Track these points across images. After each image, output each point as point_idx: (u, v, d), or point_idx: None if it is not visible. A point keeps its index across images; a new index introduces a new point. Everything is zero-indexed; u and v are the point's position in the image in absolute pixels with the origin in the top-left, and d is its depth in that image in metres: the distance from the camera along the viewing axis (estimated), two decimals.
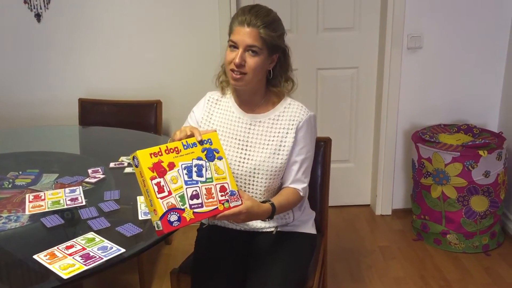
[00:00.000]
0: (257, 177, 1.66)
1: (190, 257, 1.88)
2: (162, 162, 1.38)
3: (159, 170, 1.37)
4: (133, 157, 1.36)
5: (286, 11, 2.92)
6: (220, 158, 1.48)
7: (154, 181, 1.34)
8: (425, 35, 2.87)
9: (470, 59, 2.93)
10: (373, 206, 3.27)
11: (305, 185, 1.71)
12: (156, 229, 1.33)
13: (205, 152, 1.45)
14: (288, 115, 1.68)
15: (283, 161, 1.66)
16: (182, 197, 1.37)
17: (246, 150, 1.68)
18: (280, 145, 1.66)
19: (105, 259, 1.33)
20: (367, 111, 3.14)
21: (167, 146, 1.40)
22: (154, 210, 1.33)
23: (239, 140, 1.70)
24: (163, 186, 1.35)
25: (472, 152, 2.59)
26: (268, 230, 1.76)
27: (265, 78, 1.66)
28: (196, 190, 1.40)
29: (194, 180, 1.41)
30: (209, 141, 1.47)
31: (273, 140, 1.67)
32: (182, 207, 1.36)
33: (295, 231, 1.78)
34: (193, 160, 1.43)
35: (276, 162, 1.66)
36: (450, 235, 2.74)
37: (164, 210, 1.32)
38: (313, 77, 3.05)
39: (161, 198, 1.34)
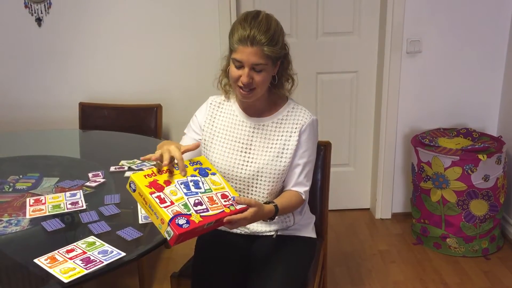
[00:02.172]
0: (260, 180, 1.67)
1: (190, 261, 1.89)
2: (158, 180, 1.40)
3: (157, 186, 1.39)
4: (130, 183, 1.38)
5: (286, 16, 2.93)
6: (213, 174, 1.50)
7: (154, 195, 1.36)
8: (424, 39, 2.88)
9: (469, 63, 2.94)
10: (373, 210, 3.27)
11: (307, 188, 1.71)
12: (168, 238, 1.31)
13: (197, 171, 1.48)
14: (292, 119, 1.68)
15: (286, 164, 1.66)
16: (185, 205, 1.37)
17: (249, 153, 1.69)
18: (283, 148, 1.67)
19: (105, 263, 1.33)
20: (367, 115, 3.14)
21: (159, 169, 1.43)
22: (161, 219, 1.32)
23: (242, 143, 1.70)
24: (163, 198, 1.36)
25: (471, 156, 2.59)
26: (268, 234, 1.76)
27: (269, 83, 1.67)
28: (198, 199, 1.41)
29: (193, 192, 1.42)
30: (199, 162, 1.51)
31: (276, 143, 1.68)
32: (188, 213, 1.35)
33: (295, 235, 1.79)
34: (188, 177, 1.45)
35: (279, 165, 1.66)
36: (449, 239, 2.74)
37: (171, 216, 1.32)
38: (313, 81, 3.06)
39: (165, 207, 1.34)
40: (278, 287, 1.60)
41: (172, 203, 1.36)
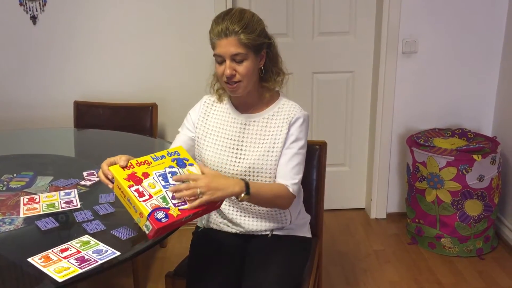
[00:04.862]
0: (253, 176, 1.67)
1: (185, 261, 1.88)
2: (136, 173, 1.41)
3: (135, 179, 1.40)
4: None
5: (282, 16, 2.93)
6: (191, 165, 1.51)
7: (133, 188, 1.37)
8: (420, 40, 2.89)
9: (465, 63, 2.95)
10: (368, 210, 3.28)
11: (295, 181, 1.65)
12: (147, 232, 1.33)
13: (175, 162, 1.49)
14: (282, 114, 1.68)
15: (277, 158, 1.66)
16: (164, 198, 1.39)
17: (241, 149, 1.69)
18: (274, 143, 1.66)
19: (100, 262, 1.33)
20: (362, 115, 3.15)
21: (137, 160, 1.45)
22: (140, 213, 1.34)
23: (234, 140, 1.70)
24: (142, 191, 1.37)
25: (466, 156, 2.60)
26: (264, 233, 1.76)
27: (257, 76, 1.67)
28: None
29: (171, 184, 1.43)
30: (176, 152, 1.52)
31: (267, 139, 1.67)
32: (167, 206, 1.37)
33: (291, 234, 1.79)
34: (166, 169, 1.47)
35: (270, 159, 1.66)
36: (444, 239, 2.75)
37: (150, 210, 1.34)
38: (309, 81, 3.06)
39: (143, 201, 1.36)
40: (273, 286, 1.59)
41: (150, 196, 1.37)
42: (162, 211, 1.34)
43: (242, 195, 1.49)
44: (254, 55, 1.59)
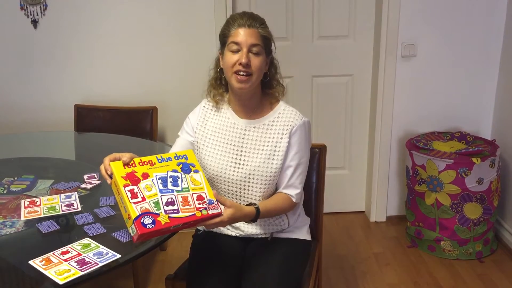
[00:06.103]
0: (253, 182, 1.67)
1: (185, 263, 1.89)
2: (136, 172, 1.39)
3: (133, 179, 1.38)
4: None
5: (282, 19, 2.94)
6: (196, 171, 1.47)
7: (127, 188, 1.35)
8: (419, 43, 2.90)
9: (464, 67, 2.96)
10: (368, 213, 3.28)
11: (299, 190, 1.71)
12: (132, 234, 1.32)
13: (180, 166, 1.46)
14: (283, 120, 1.69)
15: (277, 166, 1.67)
16: (156, 203, 1.36)
17: (241, 155, 1.69)
18: (274, 150, 1.67)
19: (100, 264, 1.33)
20: (362, 118, 3.16)
21: (140, 159, 1.42)
22: (128, 215, 1.33)
23: (234, 145, 1.71)
24: (136, 192, 1.35)
25: (465, 159, 2.61)
26: (263, 236, 1.76)
27: (261, 80, 1.69)
28: (171, 198, 1.39)
29: (169, 189, 1.40)
30: (185, 156, 1.49)
31: (267, 146, 1.68)
32: (157, 212, 1.34)
33: (290, 237, 1.79)
34: (168, 172, 1.43)
35: (270, 167, 1.67)
36: (444, 242, 2.75)
37: (138, 213, 1.32)
38: (308, 85, 3.07)
39: (135, 203, 1.33)
40: None
41: (143, 199, 1.35)
42: (150, 217, 1.32)
43: (250, 222, 1.63)
44: (265, 54, 1.64)
